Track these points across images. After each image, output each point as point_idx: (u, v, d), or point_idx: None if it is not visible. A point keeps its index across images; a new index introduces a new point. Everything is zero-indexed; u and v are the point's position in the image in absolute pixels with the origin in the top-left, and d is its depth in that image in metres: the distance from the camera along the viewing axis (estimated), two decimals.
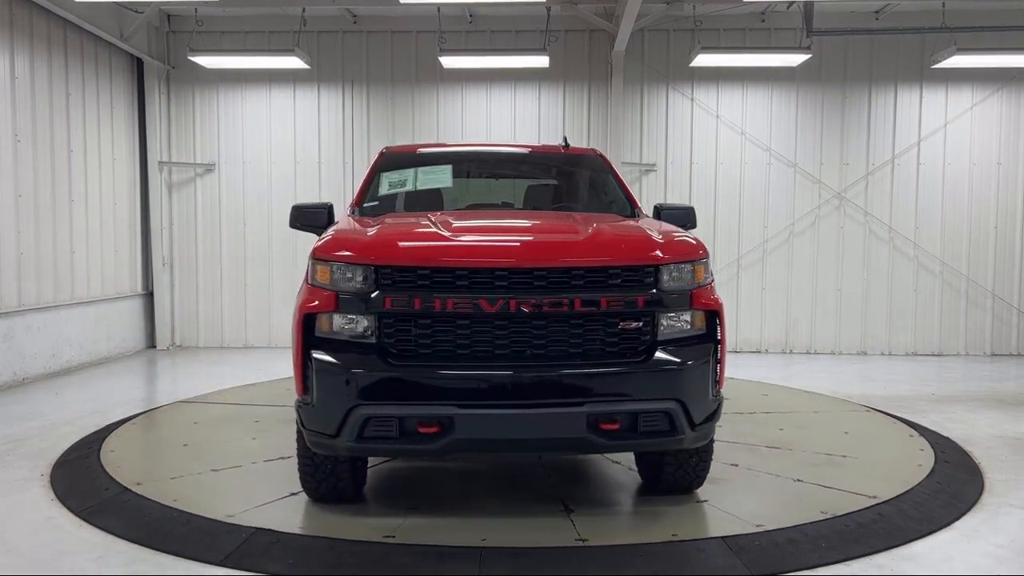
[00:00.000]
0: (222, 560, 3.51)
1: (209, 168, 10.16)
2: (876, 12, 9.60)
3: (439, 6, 8.96)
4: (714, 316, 3.85)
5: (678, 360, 3.68)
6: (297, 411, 3.81)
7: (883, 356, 9.87)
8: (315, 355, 3.62)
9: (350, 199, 7.81)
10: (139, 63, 9.87)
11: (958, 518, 4.08)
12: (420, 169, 5.17)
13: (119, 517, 4.02)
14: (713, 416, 3.82)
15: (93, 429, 5.76)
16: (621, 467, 4.88)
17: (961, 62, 8.97)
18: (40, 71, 8.06)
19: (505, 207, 5.25)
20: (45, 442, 5.45)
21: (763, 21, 9.75)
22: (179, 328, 10.30)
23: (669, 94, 9.93)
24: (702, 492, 4.40)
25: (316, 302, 3.68)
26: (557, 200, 5.37)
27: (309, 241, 10.38)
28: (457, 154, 5.69)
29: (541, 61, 9.09)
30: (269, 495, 4.30)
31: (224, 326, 10.25)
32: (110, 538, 3.78)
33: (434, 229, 3.95)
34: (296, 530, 3.85)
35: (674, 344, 3.73)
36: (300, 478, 4.12)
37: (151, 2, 8.93)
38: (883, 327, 9.97)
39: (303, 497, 4.23)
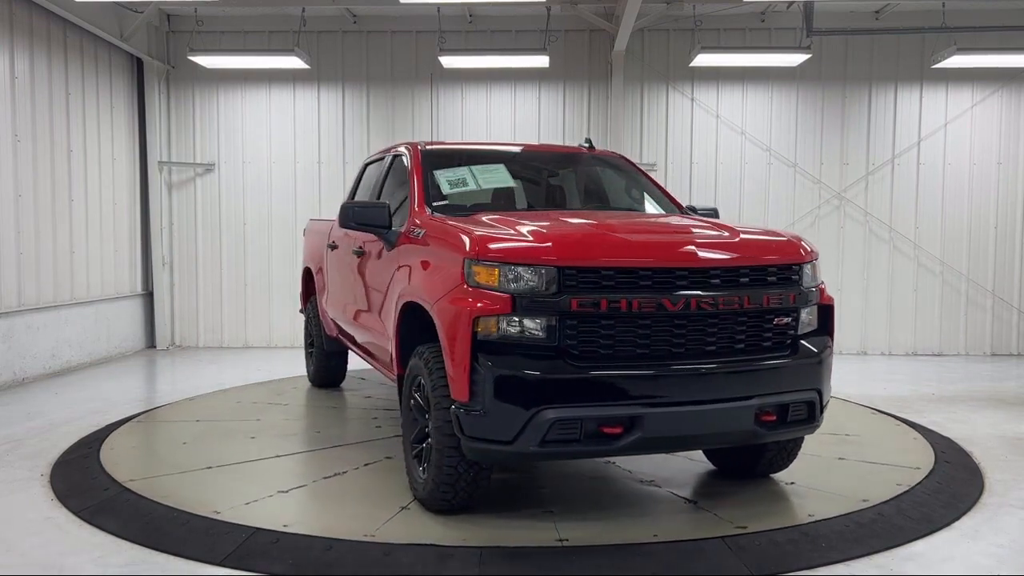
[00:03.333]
0: (222, 560, 3.51)
1: (209, 168, 10.16)
2: (876, 12, 9.59)
3: (439, 6, 8.96)
4: (830, 310, 4.15)
5: (817, 352, 3.96)
6: (455, 419, 3.62)
7: (883, 356, 9.87)
8: (489, 360, 3.50)
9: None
10: (139, 63, 9.87)
11: (958, 518, 4.08)
12: (474, 168, 5.07)
13: (119, 517, 4.01)
14: (828, 403, 4.11)
15: (93, 429, 5.76)
16: (681, 457, 4.97)
17: (961, 62, 8.97)
18: (40, 71, 8.06)
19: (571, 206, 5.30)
20: (45, 442, 5.45)
21: (763, 21, 9.75)
22: (179, 328, 10.30)
23: (669, 94, 9.93)
24: (776, 475, 4.64)
25: (485, 305, 3.54)
26: (602, 199, 5.45)
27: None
28: (499, 153, 5.63)
29: (541, 61, 9.09)
30: (383, 512, 4.02)
31: (224, 326, 10.24)
32: (110, 538, 3.77)
33: (593, 229, 3.95)
34: (461, 543, 3.63)
35: (809, 337, 4.01)
36: (435, 488, 3.86)
37: (151, 2, 8.93)
38: (883, 327, 9.97)
39: (416, 509, 4.05)
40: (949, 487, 4.56)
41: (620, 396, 3.54)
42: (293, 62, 9.18)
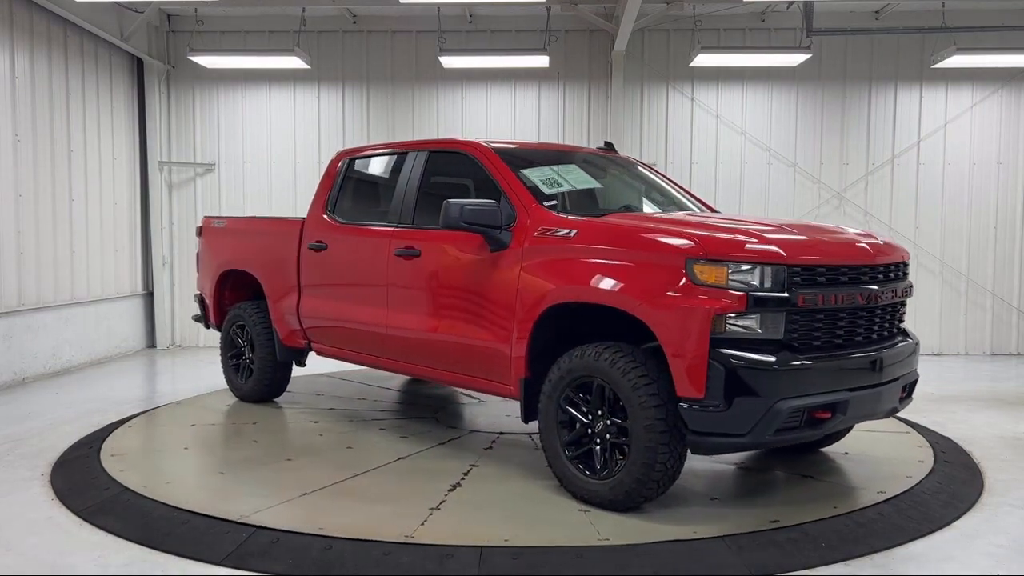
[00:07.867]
0: (222, 560, 3.52)
1: (209, 168, 10.16)
2: (876, 12, 9.59)
3: (439, 6, 8.96)
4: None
5: (916, 337, 4.57)
6: (680, 416, 3.75)
7: None
8: (729, 355, 3.66)
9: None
10: (139, 63, 9.87)
11: (958, 518, 4.09)
12: (559, 168, 5.07)
13: (119, 517, 4.02)
14: None
15: (93, 429, 5.76)
16: None
17: (961, 62, 8.97)
18: (40, 71, 8.06)
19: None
20: (45, 442, 5.45)
21: (763, 21, 9.75)
22: (179, 328, 10.30)
23: (669, 94, 9.92)
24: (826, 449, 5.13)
25: (721, 302, 3.69)
26: (669, 201, 5.56)
27: None
28: (560, 154, 5.56)
29: (541, 61, 9.09)
30: (567, 516, 3.99)
31: None
32: (110, 538, 3.78)
33: (782, 231, 4.20)
34: (692, 536, 3.72)
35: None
36: (637, 487, 3.88)
37: (151, 2, 8.93)
38: None
39: (595, 511, 4.02)
40: (949, 487, 4.56)
41: (834, 383, 3.88)
42: (293, 62, 9.18)
